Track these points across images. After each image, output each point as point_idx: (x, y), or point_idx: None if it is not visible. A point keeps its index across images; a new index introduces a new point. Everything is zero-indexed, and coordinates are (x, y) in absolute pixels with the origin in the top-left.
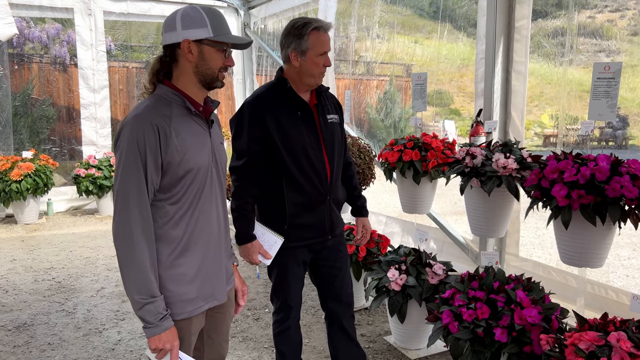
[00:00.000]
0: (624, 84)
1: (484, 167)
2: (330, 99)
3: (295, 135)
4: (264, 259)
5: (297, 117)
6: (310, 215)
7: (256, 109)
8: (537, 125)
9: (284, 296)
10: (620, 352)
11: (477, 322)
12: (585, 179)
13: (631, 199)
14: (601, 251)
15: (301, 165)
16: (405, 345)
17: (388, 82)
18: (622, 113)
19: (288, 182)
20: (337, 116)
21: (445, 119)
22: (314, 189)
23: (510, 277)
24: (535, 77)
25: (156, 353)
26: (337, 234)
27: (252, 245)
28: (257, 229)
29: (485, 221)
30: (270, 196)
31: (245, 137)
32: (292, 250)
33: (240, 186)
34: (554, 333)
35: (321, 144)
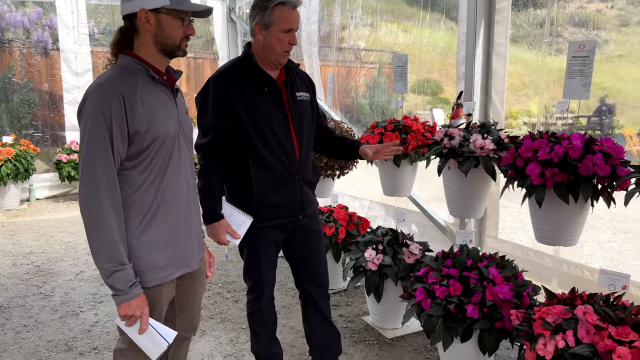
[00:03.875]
0: (611, 73)
1: (461, 148)
2: (301, 76)
3: (261, 111)
4: (233, 238)
5: (264, 94)
6: (279, 194)
7: (221, 84)
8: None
9: (255, 276)
10: (586, 324)
11: (449, 298)
12: (559, 157)
13: (603, 177)
14: (574, 229)
15: (268, 143)
16: (382, 324)
17: (376, 69)
18: (609, 102)
19: (255, 161)
20: (308, 94)
21: (434, 107)
22: (282, 167)
23: (484, 255)
24: (524, 66)
25: (126, 320)
26: (309, 214)
27: (220, 225)
28: (225, 208)
29: (462, 202)
30: (238, 175)
31: (210, 113)
32: (263, 230)
33: (206, 164)
34: (525, 309)
35: (289, 122)
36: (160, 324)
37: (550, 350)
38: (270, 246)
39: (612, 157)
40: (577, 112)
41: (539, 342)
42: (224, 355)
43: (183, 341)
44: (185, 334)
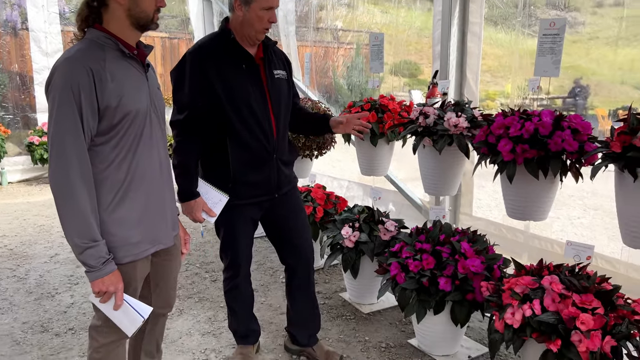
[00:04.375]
0: (586, 56)
1: (436, 127)
2: (278, 54)
3: (239, 89)
4: (208, 216)
5: (242, 71)
6: (256, 173)
7: (198, 60)
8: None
9: (232, 254)
10: (552, 293)
11: (422, 272)
12: (529, 133)
13: (572, 152)
14: (544, 204)
15: (246, 121)
16: (359, 300)
17: (354, 49)
18: (584, 83)
19: (232, 138)
20: (285, 72)
21: (412, 89)
22: (260, 145)
23: (457, 230)
24: (501, 48)
25: (100, 297)
26: (286, 192)
27: (196, 203)
28: (200, 186)
29: (437, 180)
30: (214, 152)
31: (187, 88)
32: (239, 208)
33: (182, 141)
34: (495, 281)
35: (267, 100)
36: (136, 300)
37: (518, 319)
38: (246, 224)
39: (581, 133)
40: (548, 89)
41: (507, 312)
42: (202, 333)
43: (159, 318)
44: (162, 310)
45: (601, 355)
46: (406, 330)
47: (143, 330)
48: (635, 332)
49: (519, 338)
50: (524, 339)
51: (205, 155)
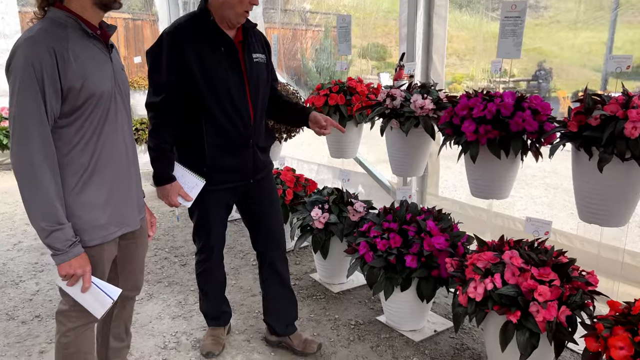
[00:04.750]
0: (549, 39)
1: (402, 109)
2: (258, 37)
3: (217, 72)
4: (184, 201)
5: (220, 54)
6: (232, 158)
7: (176, 40)
8: (469, 79)
9: (205, 237)
10: (512, 267)
11: (390, 250)
12: (492, 114)
13: (532, 132)
14: (506, 183)
15: (223, 105)
16: (329, 280)
17: (322, 32)
18: (547, 66)
19: (208, 123)
20: (264, 56)
21: (381, 72)
22: (236, 131)
23: (422, 209)
24: (466, 31)
25: (67, 280)
26: (262, 177)
27: (172, 187)
28: (177, 170)
29: (404, 161)
30: (189, 136)
31: (163, 70)
32: (214, 193)
33: (158, 124)
34: (459, 257)
35: (245, 84)
36: (104, 282)
37: (480, 292)
38: (220, 208)
39: (540, 113)
40: (511, 71)
41: (470, 286)
42: (172, 317)
43: (128, 301)
44: (130, 293)
45: (557, 324)
46: (375, 308)
47: (111, 314)
48: (588, 301)
49: (481, 311)
50: (486, 311)
51: (181, 138)
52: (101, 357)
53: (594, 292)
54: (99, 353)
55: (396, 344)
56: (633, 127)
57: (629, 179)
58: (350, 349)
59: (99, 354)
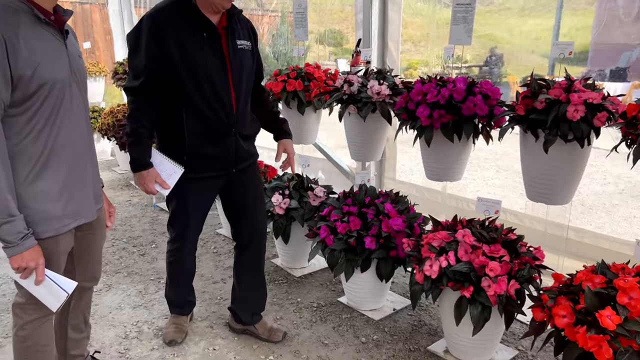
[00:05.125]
0: (500, 26)
1: (360, 94)
2: (244, 23)
3: (199, 58)
4: (162, 188)
5: (203, 39)
6: (213, 146)
7: (156, 24)
8: (425, 65)
9: (181, 227)
10: (465, 245)
11: (349, 233)
12: (445, 99)
13: (482, 116)
14: (459, 166)
15: (203, 92)
16: (291, 265)
17: (279, 17)
18: (498, 52)
19: (189, 110)
20: (250, 43)
21: (338, 58)
22: (217, 119)
23: (381, 192)
24: (422, 18)
25: (20, 273)
26: (245, 167)
27: (148, 173)
28: (155, 156)
29: (362, 146)
30: (169, 123)
31: (142, 54)
32: (193, 182)
33: (136, 108)
34: (416, 237)
35: (228, 71)
36: (58, 275)
37: (435, 270)
38: (199, 198)
39: (490, 98)
40: (463, 57)
41: (426, 264)
42: (132, 307)
43: (85, 291)
44: (87, 284)
45: (507, 297)
46: (336, 290)
47: (68, 305)
48: (535, 275)
49: (437, 287)
50: (441, 288)
51: (161, 125)
52: (60, 349)
53: (540, 266)
54: (57, 345)
55: (357, 323)
56: (575, 110)
57: (572, 159)
58: (312, 331)
59: (58, 346)
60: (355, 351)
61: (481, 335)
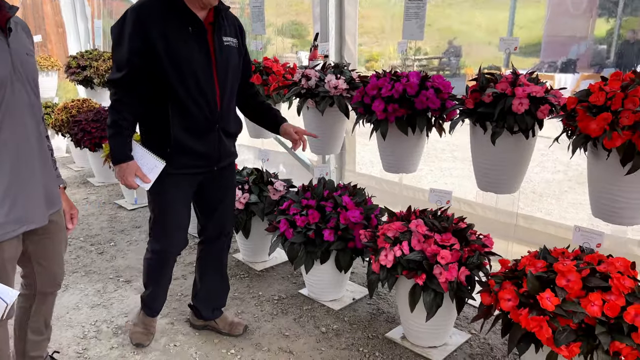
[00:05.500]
0: (459, 18)
1: (317, 88)
2: (231, 19)
3: (184, 54)
4: (142, 182)
5: (188, 35)
6: (196, 142)
7: (141, 18)
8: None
9: (165, 225)
10: (418, 235)
11: (308, 226)
12: (399, 93)
13: (435, 110)
14: (414, 158)
15: (188, 88)
16: (252, 259)
17: (239, 10)
18: (457, 44)
19: (174, 105)
20: (237, 40)
21: (300, 50)
22: (202, 115)
23: (339, 185)
24: (382, 10)
25: None
26: (225, 165)
27: (128, 166)
28: (136, 149)
29: (321, 140)
30: (154, 117)
31: (125, 47)
32: (176, 178)
33: (117, 100)
34: (372, 228)
35: (213, 68)
36: (2, 286)
37: (390, 259)
38: (181, 193)
39: (442, 92)
40: (422, 49)
41: (381, 254)
42: (90, 306)
43: (47, 296)
44: (49, 289)
45: (458, 283)
46: (297, 282)
47: (29, 308)
48: (485, 262)
49: (392, 276)
50: (396, 276)
51: (146, 119)
52: (18, 350)
53: (489, 253)
54: (16, 346)
55: (317, 314)
56: (519, 103)
57: (518, 150)
58: (273, 323)
59: (16, 347)
60: (316, 341)
61: (435, 321)
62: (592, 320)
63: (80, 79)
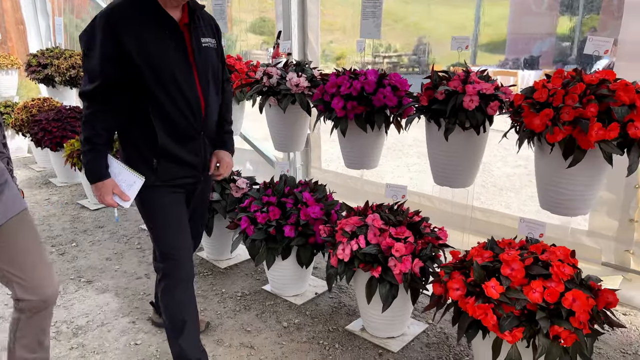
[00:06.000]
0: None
1: (279, 86)
2: (207, 19)
3: (162, 59)
4: (122, 200)
5: (165, 38)
6: (183, 152)
7: (112, 23)
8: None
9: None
10: (374, 229)
11: (269, 223)
12: (357, 91)
13: (392, 107)
14: (374, 154)
15: (170, 94)
16: (216, 257)
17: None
18: (425, 41)
19: (156, 113)
20: (214, 40)
21: (270, 47)
22: (186, 122)
23: (300, 182)
24: (351, 7)
25: None
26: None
27: (104, 185)
28: (113, 166)
29: (284, 137)
30: (135, 129)
31: (97, 56)
32: (165, 189)
33: (91, 114)
34: (332, 224)
35: (193, 71)
36: None
37: (347, 253)
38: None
39: (399, 89)
40: (386, 48)
41: (339, 248)
42: None
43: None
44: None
45: (412, 275)
46: (261, 279)
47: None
48: (438, 254)
49: (350, 269)
50: (354, 269)
51: (126, 130)
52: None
53: (443, 245)
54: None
55: (280, 309)
56: (470, 100)
57: (470, 145)
58: (236, 319)
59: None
60: (277, 335)
61: (392, 312)
62: (533, 307)
63: (41, 78)
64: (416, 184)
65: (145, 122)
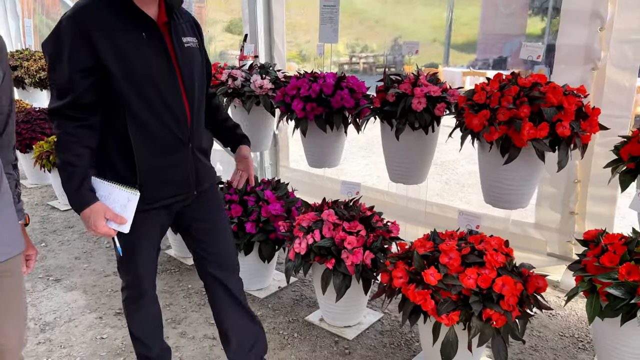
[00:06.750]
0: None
1: (243, 88)
2: (185, 16)
3: (140, 65)
4: (118, 225)
5: (142, 41)
6: (169, 168)
7: (79, 26)
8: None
9: (135, 269)
10: (328, 224)
11: (231, 219)
12: (316, 93)
13: (350, 108)
14: (335, 153)
15: (151, 105)
16: (183, 254)
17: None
18: (402, 42)
19: (135, 128)
20: (196, 39)
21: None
22: (171, 134)
23: (263, 180)
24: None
25: None
26: (206, 188)
27: (92, 211)
28: (99, 187)
29: (250, 137)
30: (113, 147)
31: (65, 67)
32: (146, 213)
33: (64, 134)
34: (293, 220)
35: (177, 76)
36: None
37: (304, 247)
38: (153, 231)
39: (356, 92)
40: (362, 48)
41: (296, 242)
42: None
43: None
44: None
45: (363, 266)
46: None
47: None
48: (389, 246)
49: (306, 262)
50: (310, 262)
51: (102, 150)
52: None
53: (394, 238)
54: None
55: None
56: (418, 102)
57: (420, 144)
58: (200, 313)
59: None
60: None
61: (346, 302)
62: (468, 292)
63: None
64: (372, 181)
65: (122, 140)
